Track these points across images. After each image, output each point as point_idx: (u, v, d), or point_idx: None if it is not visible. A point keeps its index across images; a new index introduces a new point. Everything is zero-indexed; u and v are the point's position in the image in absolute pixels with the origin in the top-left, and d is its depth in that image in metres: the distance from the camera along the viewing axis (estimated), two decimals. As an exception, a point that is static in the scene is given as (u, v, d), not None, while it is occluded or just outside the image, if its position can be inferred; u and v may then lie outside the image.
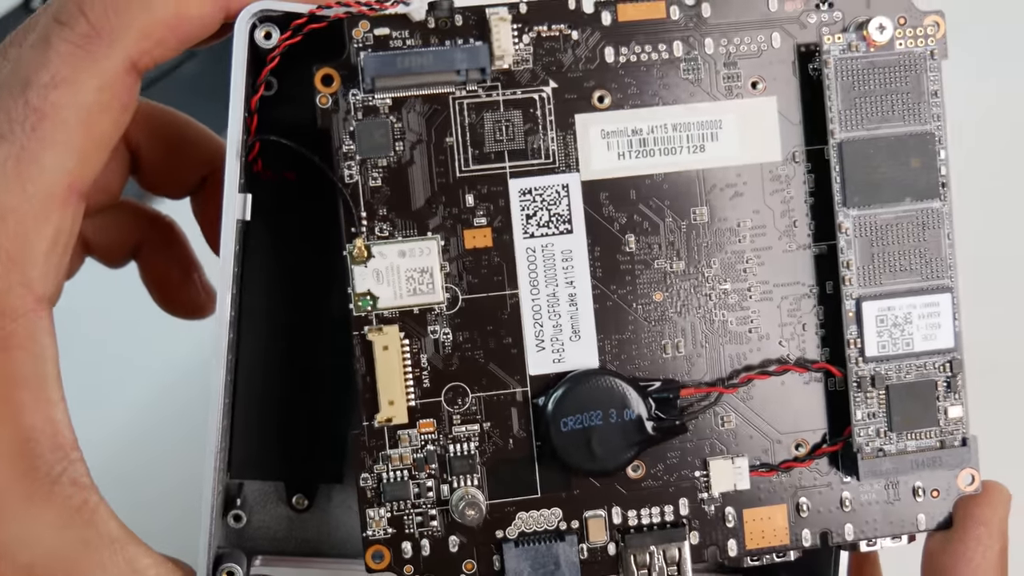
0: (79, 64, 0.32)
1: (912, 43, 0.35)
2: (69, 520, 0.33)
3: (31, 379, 0.33)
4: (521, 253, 0.35)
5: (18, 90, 0.32)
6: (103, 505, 0.34)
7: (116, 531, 0.34)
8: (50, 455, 0.33)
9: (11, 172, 0.32)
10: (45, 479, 0.33)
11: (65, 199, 0.33)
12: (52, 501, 0.33)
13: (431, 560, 0.35)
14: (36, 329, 0.33)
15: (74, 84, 0.32)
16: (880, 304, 0.35)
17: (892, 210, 0.35)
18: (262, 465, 0.39)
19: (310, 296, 0.39)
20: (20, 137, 0.32)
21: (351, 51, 0.34)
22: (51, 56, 0.32)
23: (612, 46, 0.35)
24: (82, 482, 0.33)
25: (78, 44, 0.32)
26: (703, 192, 0.36)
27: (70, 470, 0.33)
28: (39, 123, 0.32)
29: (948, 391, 0.36)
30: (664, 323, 0.36)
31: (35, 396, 0.33)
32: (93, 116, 0.33)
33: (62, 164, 0.32)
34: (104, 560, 0.34)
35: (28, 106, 0.32)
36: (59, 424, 0.33)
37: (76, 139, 0.33)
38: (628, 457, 0.35)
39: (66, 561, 0.33)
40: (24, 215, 0.32)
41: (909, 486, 0.37)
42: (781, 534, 0.36)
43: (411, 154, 0.34)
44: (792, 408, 0.36)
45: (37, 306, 0.33)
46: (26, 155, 0.32)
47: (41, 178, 0.32)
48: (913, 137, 0.35)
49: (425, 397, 0.35)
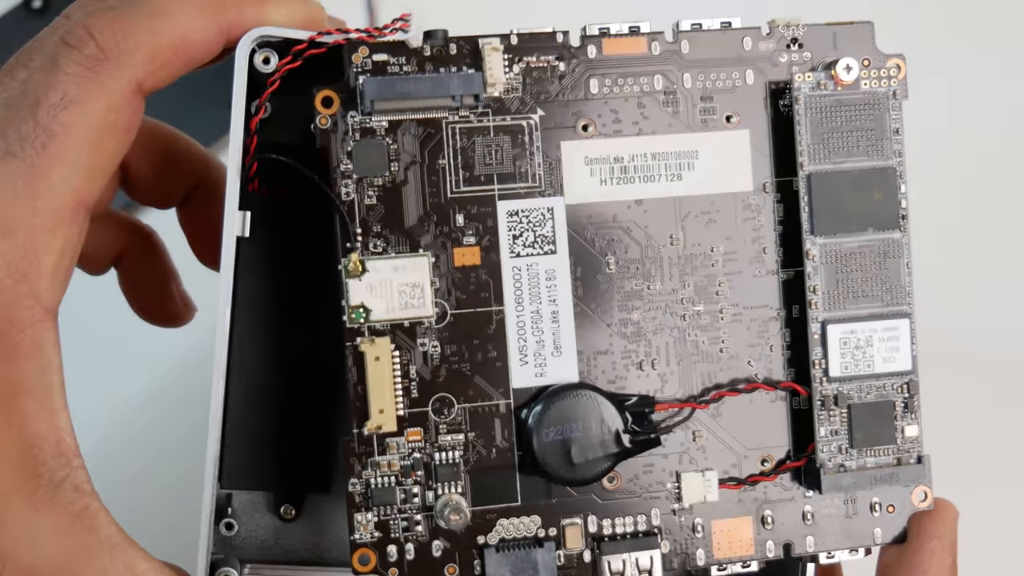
0: (88, 86, 0.33)
1: (876, 83, 0.38)
2: (70, 526, 0.34)
3: (36, 388, 0.34)
4: (507, 271, 0.37)
5: (28, 110, 0.33)
6: (103, 511, 0.35)
7: (116, 536, 0.35)
8: (53, 462, 0.34)
9: (22, 189, 0.33)
10: (48, 485, 0.34)
11: (73, 215, 0.34)
12: (54, 507, 0.34)
13: (415, 564, 0.36)
14: (43, 340, 0.34)
15: (83, 104, 0.33)
16: (844, 327, 0.37)
17: (856, 239, 0.38)
18: (251, 476, 0.40)
19: (299, 309, 0.40)
20: (30, 155, 0.33)
21: (350, 75, 0.36)
22: (60, 77, 0.33)
23: (597, 78, 0.37)
24: (83, 488, 0.34)
25: (87, 66, 0.34)
26: (679, 218, 0.38)
27: (72, 476, 0.34)
28: (49, 142, 0.33)
29: (905, 411, 0.38)
30: (640, 341, 0.38)
31: (40, 404, 0.34)
32: (101, 136, 0.34)
33: (70, 181, 0.34)
34: (104, 565, 0.34)
35: (38, 125, 0.33)
36: (62, 432, 0.34)
37: (84, 158, 0.34)
38: (605, 468, 0.37)
39: (67, 566, 0.34)
40: (34, 230, 0.33)
41: (867, 501, 0.39)
42: (747, 545, 0.38)
43: (405, 174, 0.36)
44: (759, 425, 0.38)
45: (44, 317, 0.34)
46: (36, 172, 0.33)
47: (50, 195, 0.33)
48: (876, 171, 0.38)
49: (413, 407, 0.36)
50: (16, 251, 0.33)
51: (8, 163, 0.33)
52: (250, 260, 0.39)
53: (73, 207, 0.34)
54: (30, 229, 0.33)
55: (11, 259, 0.33)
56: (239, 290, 0.39)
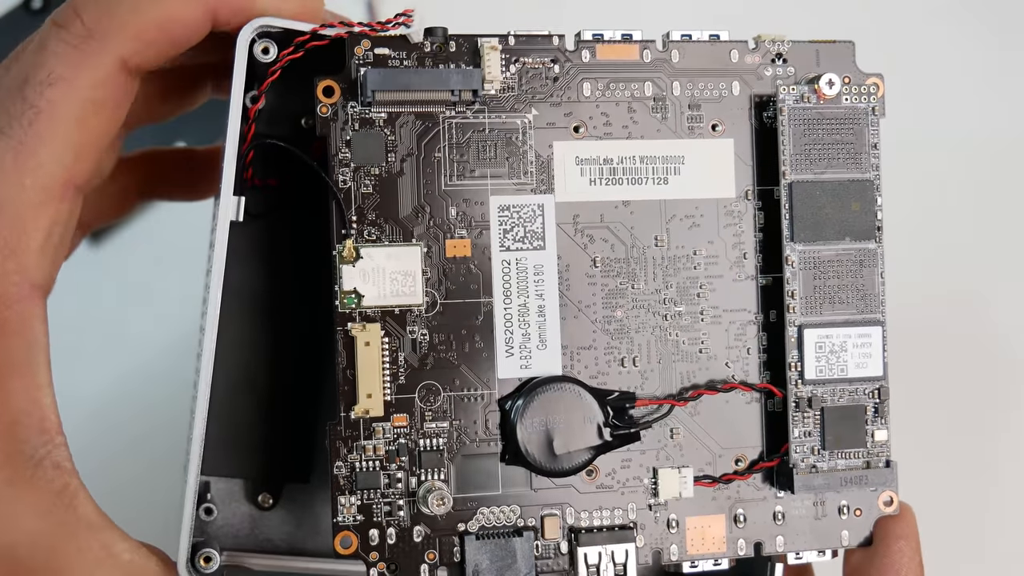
0: (74, 63, 0.34)
1: (856, 99, 0.39)
2: (50, 504, 0.34)
3: (22, 364, 0.34)
4: (497, 265, 0.38)
5: (16, 88, 0.34)
6: (83, 490, 0.35)
7: (94, 516, 0.35)
8: (35, 439, 0.34)
9: (9, 166, 0.33)
10: (29, 462, 0.34)
11: (62, 193, 0.34)
12: (34, 484, 0.34)
13: (396, 548, 0.37)
14: (30, 316, 0.34)
15: (69, 82, 0.34)
16: (819, 332, 0.39)
17: (833, 247, 0.39)
18: (230, 463, 0.41)
19: (283, 300, 0.41)
20: (18, 132, 0.34)
21: (352, 67, 0.37)
22: (48, 56, 0.34)
23: (590, 81, 0.38)
24: (64, 466, 0.35)
25: (73, 44, 0.34)
26: (664, 220, 0.39)
27: (53, 454, 0.34)
28: (36, 119, 0.34)
29: (876, 416, 0.39)
30: (623, 338, 0.39)
31: (24, 381, 0.34)
32: (88, 113, 0.34)
33: (59, 159, 0.34)
34: (82, 544, 0.35)
35: (26, 102, 0.34)
36: (46, 409, 0.35)
37: (72, 135, 0.34)
38: (585, 460, 0.38)
39: (46, 543, 0.34)
40: (21, 207, 0.34)
41: (835, 504, 0.40)
42: (719, 542, 0.39)
43: (401, 166, 0.37)
44: (734, 426, 0.39)
45: (32, 294, 0.34)
46: (24, 149, 0.34)
47: (38, 172, 0.34)
48: (855, 183, 0.39)
49: (400, 393, 0.37)
50: (3, 227, 0.33)
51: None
52: (237, 249, 0.40)
53: (62, 184, 0.34)
54: (18, 206, 0.33)
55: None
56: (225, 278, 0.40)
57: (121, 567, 0.35)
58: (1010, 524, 0.55)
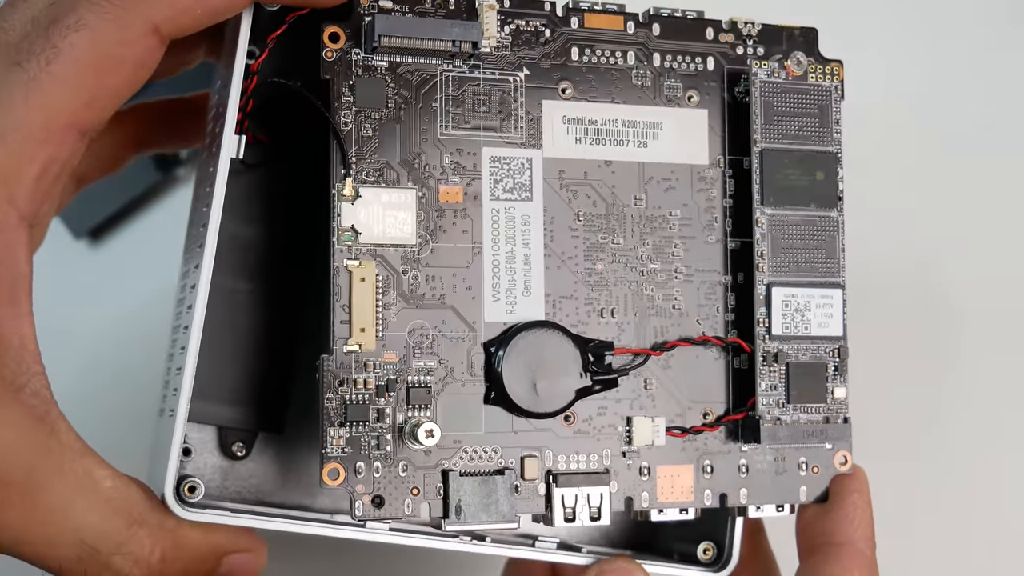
0: (104, 15, 0.34)
1: (821, 79, 0.42)
2: (32, 426, 0.34)
3: (4, 291, 0.34)
4: (487, 213, 0.39)
5: (44, 25, 0.34)
6: (63, 419, 0.35)
7: (76, 443, 0.35)
8: (15, 365, 0.34)
9: (18, 98, 0.34)
10: (10, 386, 0.34)
11: (63, 133, 0.35)
12: (15, 407, 0.34)
13: (382, 481, 0.38)
14: (15, 244, 0.35)
15: (95, 31, 0.34)
16: (786, 291, 0.41)
17: (799, 213, 0.41)
18: (206, 410, 0.41)
19: (267, 250, 0.42)
20: (34, 68, 0.34)
21: (357, 14, 0.38)
22: (81, 3, 0.34)
23: (578, 47, 0.41)
24: (44, 395, 0.35)
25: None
26: (642, 181, 0.41)
27: (33, 382, 0.35)
28: (54, 58, 0.34)
29: (836, 373, 0.42)
30: (602, 290, 0.40)
31: (6, 308, 0.34)
32: (106, 66, 0.35)
33: (68, 101, 0.34)
34: (63, 466, 0.35)
35: (48, 41, 0.34)
36: (26, 338, 0.35)
37: (87, 83, 0.34)
38: (568, 402, 0.39)
39: (26, 462, 0.34)
40: (23, 138, 0.34)
41: (795, 461, 0.42)
42: (687, 492, 0.41)
43: (400, 113, 0.39)
44: (702, 381, 0.41)
45: (19, 224, 0.35)
46: (35, 85, 0.34)
47: (44, 109, 0.34)
48: (819, 154, 0.42)
49: (391, 331, 0.38)
50: (2, 155, 0.34)
51: (13, 72, 0.34)
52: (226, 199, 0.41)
53: (65, 125, 0.35)
54: (20, 136, 0.34)
55: None
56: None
57: (103, 492, 0.35)
58: (959, 479, 0.58)
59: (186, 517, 0.37)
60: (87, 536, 0.35)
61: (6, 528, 0.34)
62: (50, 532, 0.35)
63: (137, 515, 0.36)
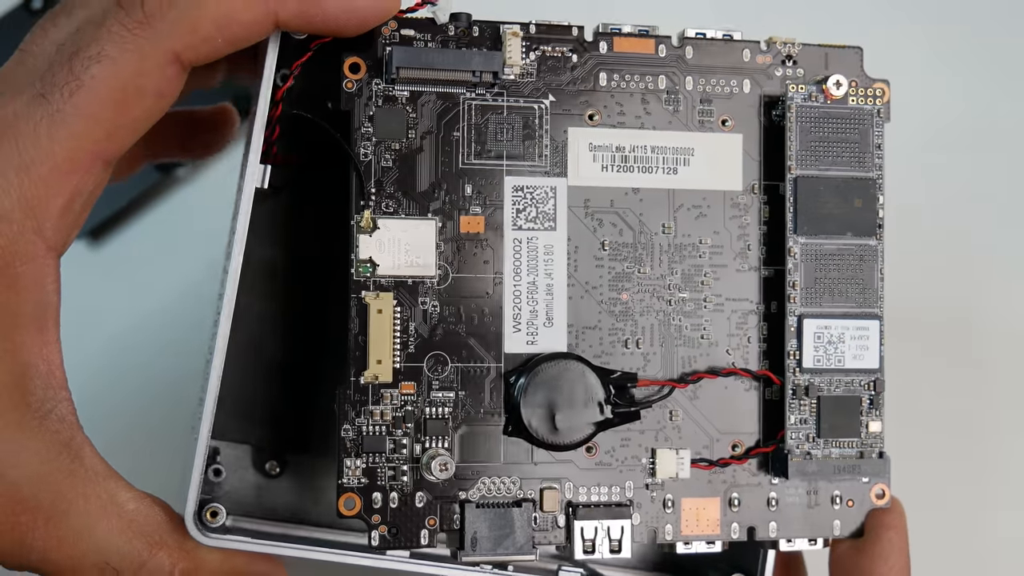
0: (125, 46, 0.35)
1: (863, 101, 0.41)
2: (56, 452, 0.35)
3: (33, 319, 0.35)
4: (509, 242, 0.39)
5: (67, 58, 0.35)
6: (88, 443, 0.36)
7: (100, 466, 0.36)
8: (42, 392, 0.35)
9: (43, 131, 0.35)
10: (36, 412, 0.35)
11: (89, 165, 0.35)
12: (41, 433, 0.35)
13: (398, 512, 0.38)
14: (43, 275, 0.35)
15: (115, 62, 0.35)
16: (819, 322, 0.40)
17: (835, 242, 0.40)
18: (238, 428, 0.42)
19: (295, 272, 0.42)
20: (57, 100, 0.35)
21: (378, 45, 0.38)
22: (103, 33, 0.35)
23: (606, 72, 0.40)
24: (69, 420, 0.36)
25: (128, 28, 0.35)
26: (672, 209, 0.40)
27: (59, 408, 0.36)
28: (76, 90, 0.35)
29: (871, 407, 0.40)
30: (627, 320, 0.40)
31: (35, 336, 0.35)
32: (127, 98, 0.35)
33: (90, 133, 0.35)
34: (87, 490, 0.36)
35: (71, 73, 0.35)
36: (53, 365, 0.36)
37: (108, 114, 0.35)
38: (587, 435, 0.39)
39: (51, 486, 0.35)
40: (49, 171, 0.35)
41: (828, 494, 0.41)
42: (713, 524, 0.40)
43: (421, 142, 0.38)
44: (731, 412, 0.41)
45: (47, 254, 0.35)
46: (59, 118, 0.35)
47: (68, 142, 0.35)
48: (858, 180, 0.40)
49: (409, 362, 0.38)
50: (30, 186, 0.35)
51: (38, 104, 0.35)
52: (254, 222, 0.41)
53: (90, 157, 0.35)
54: (46, 168, 0.35)
55: (23, 193, 0.34)
56: None
57: (125, 515, 0.36)
58: (998, 522, 0.56)
59: (204, 543, 0.38)
60: (110, 558, 0.36)
61: (32, 551, 0.36)
62: (74, 555, 0.36)
63: (158, 537, 0.37)
